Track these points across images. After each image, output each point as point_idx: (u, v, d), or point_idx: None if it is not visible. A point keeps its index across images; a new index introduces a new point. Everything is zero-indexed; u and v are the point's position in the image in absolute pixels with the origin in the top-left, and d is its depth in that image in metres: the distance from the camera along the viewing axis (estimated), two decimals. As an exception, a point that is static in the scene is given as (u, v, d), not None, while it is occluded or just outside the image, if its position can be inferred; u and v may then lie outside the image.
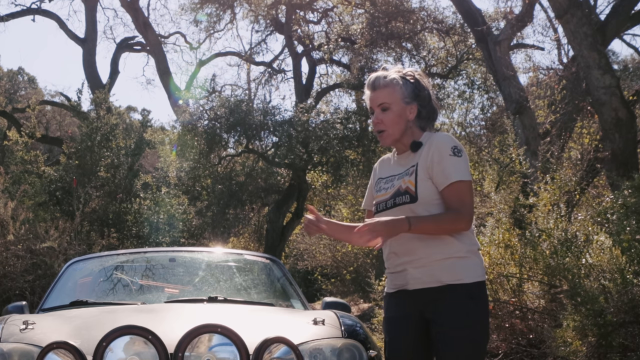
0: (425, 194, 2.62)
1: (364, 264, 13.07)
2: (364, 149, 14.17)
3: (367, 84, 2.82)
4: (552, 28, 12.83)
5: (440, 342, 2.61)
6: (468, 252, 2.64)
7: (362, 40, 14.67)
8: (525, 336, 5.51)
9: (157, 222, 11.17)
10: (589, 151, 8.08)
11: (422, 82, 2.77)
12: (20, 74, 28.26)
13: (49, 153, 18.95)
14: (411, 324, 2.68)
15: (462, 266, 2.62)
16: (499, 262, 5.75)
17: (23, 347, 2.69)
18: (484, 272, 2.71)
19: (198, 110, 13.85)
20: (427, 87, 2.78)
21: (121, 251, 4.85)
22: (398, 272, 2.72)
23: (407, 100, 2.72)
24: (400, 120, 2.72)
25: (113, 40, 22.06)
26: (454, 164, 2.61)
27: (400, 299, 2.73)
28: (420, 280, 2.65)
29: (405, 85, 2.73)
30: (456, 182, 2.60)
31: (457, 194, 2.60)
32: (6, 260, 8.04)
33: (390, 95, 2.72)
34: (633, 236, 4.81)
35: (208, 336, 2.62)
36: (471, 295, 2.60)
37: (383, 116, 2.73)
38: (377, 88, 2.75)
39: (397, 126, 2.73)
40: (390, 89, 2.73)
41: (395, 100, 2.72)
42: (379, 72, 2.79)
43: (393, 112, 2.72)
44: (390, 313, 2.79)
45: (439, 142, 2.66)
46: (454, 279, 2.60)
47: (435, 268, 2.62)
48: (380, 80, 2.75)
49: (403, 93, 2.72)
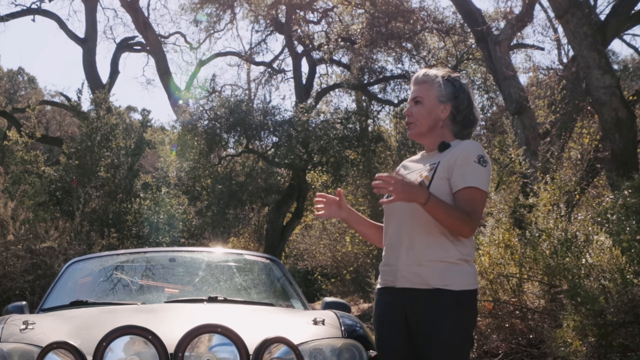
0: (436, 192, 2.61)
1: (364, 264, 13.06)
2: (364, 149, 14.18)
3: (412, 79, 2.87)
4: (552, 28, 12.82)
5: (424, 346, 2.61)
6: (461, 260, 2.62)
7: (362, 40, 14.67)
8: (525, 336, 5.51)
9: (157, 222, 11.18)
10: (589, 151, 8.07)
11: (465, 88, 2.79)
12: (20, 74, 28.27)
13: (49, 153, 18.96)
14: (399, 325, 2.68)
15: (452, 272, 2.60)
16: (499, 262, 5.75)
17: (23, 347, 2.69)
18: (476, 281, 2.68)
19: (198, 110, 13.85)
20: (471, 96, 2.80)
21: (121, 251, 4.85)
22: (390, 266, 2.72)
23: (442, 99, 2.75)
24: (429, 116, 2.75)
25: (113, 40, 22.07)
26: (475, 171, 2.61)
27: (388, 296, 2.73)
28: (408, 280, 2.64)
29: (445, 85, 2.76)
30: (472, 188, 2.60)
31: (471, 199, 2.60)
32: (6, 260, 8.04)
33: (425, 91, 2.76)
34: (633, 236, 4.80)
35: (208, 336, 2.62)
36: (458, 303, 2.58)
37: (414, 109, 2.77)
38: (417, 83, 2.80)
39: (425, 121, 2.75)
40: (427, 84, 2.77)
41: (429, 96, 2.75)
42: (425, 69, 2.84)
43: (424, 107, 2.75)
44: (379, 310, 2.79)
45: (467, 147, 2.68)
46: (442, 283, 2.58)
47: (425, 269, 2.61)
48: (420, 76, 2.80)
49: (440, 92, 2.75)
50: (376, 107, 16.65)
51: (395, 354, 2.70)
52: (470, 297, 2.64)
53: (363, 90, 15.99)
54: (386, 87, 16.41)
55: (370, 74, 15.96)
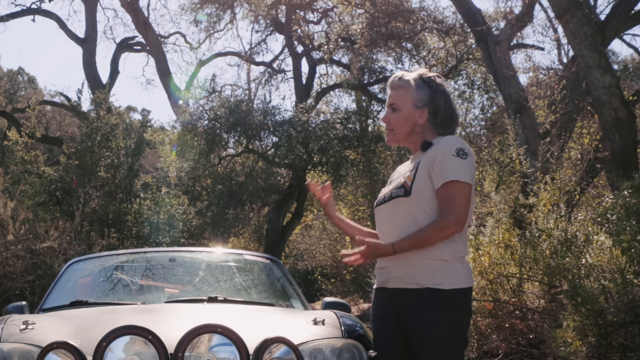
0: (419, 190, 2.61)
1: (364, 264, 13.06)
2: (364, 149, 14.18)
3: (387, 82, 2.84)
4: (552, 28, 12.83)
5: (416, 346, 2.61)
6: (452, 258, 2.60)
7: (362, 40, 14.67)
8: (525, 336, 5.51)
9: (157, 222, 11.18)
10: (589, 151, 8.08)
11: (442, 88, 2.75)
12: (20, 74, 28.27)
13: (49, 153, 18.96)
14: (394, 325, 2.68)
15: (443, 271, 2.58)
16: (499, 262, 5.75)
17: (23, 347, 2.69)
18: (469, 279, 2.65)
19: (198, 110, 13.84)
20: (448, 95, 2.77)
21: (121, 251, 4.85)
22: (382, 268, 2.73)
23: (418, 104, 2.71)
24: (406, 123, 2.73)
25: (113, 40, 22.09)
26: (454, 164, 2.57)
27: (382, 297, 2.74)
28: (399, 280, 2.64)
29: (420, 89, 2.72)
30: (451, 182, 2.56)
31: (450, 194, 2.56)
32: (6, 260, 8.04)
33: (401, 97, 2.73)
34: (633, 236, 4.80)
35: (208, 336, 2.62)
36: (449, 302, 2.56)
37: (391, 116, 2.75)
38: (392, 88, 2.77)
39: (403, 128, 2.73)
40: (402, 90, 2.73)
41: (405, 102, 2.72)
42: (399, 73, 2.80)
43: (401, 114, 2.73)
44: (375, 310, 2.80)
45: (446, 142, 2.65)
46: (432, 283, 2.57)
47: (416, 269, 2.60)
48: (395, 81, 2.76)
49: (416, 97, 2.71)
50: (376, 107, 16.65)
51: (391, 353, 2.70)
52: (463, 296, 2.60)
53: (363, 90, 16.00)
54: (386, 87, 16.38)
55: (370, 74, 15.96)
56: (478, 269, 5.69)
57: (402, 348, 2.67)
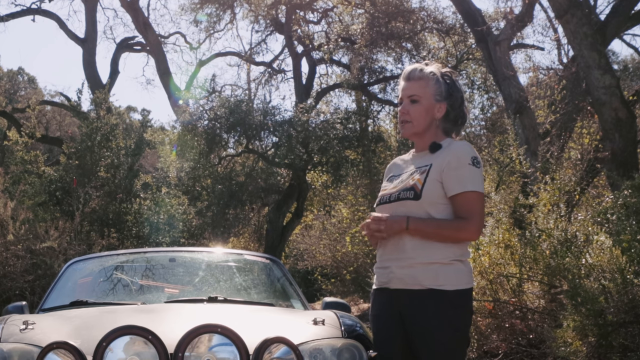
0: (429, 195, 2.62)
1: (364, 264, 13.05)
2: (364, 149, 14.18)
3: (402, 74, 2.80)
4: (552, 28, 12.82)
5: (418, 347, 2.61)
6: (454, 260, 2.62)
7: (362, 40, 14.67)
8: (525, 336, 5.51)
9: (157, 222, 11.17)
10: (589, 151, 8.07)
11: (457, 84, 2.77)
12: (20, 74, 28.26)
13: (49, 153, 18.96)
14: (395, 325, 2.68)
15: (446, 273, 2.59)
16: (499, 262, 5.75)
17: (23, 347, 2.69)
18: (470, 280, 2.67)
19: (198, 110, 13.85)
20: (462, 91, 2.79)
21: (121, 251, 4.85)
22: (384, 269, 2.72)
23: (438, 97, 2.72)
24: (426, 116, 2.72)
25: (113, 40, 22.07)
26: (471, 174, 2.61)
27: (383, 297, 2.73)
28: (402, 281, 2.64)
29: (440, 83, 2.72)
30: (470, 192, 2.60)
31: (469, 203, 2.60)
32: (6, 260, 8.04)
33: (422, 89, 2.72)
34: (633, 236, 4.80)
35: (208, 336, 2.62)
36: (452, 303, 2.58)
37: (411, 108, 2.73)
38: (412, 79, 2.74)
39: (422, 120, 2.72)
40: (424, 82, 2.72)
41: (427, 94, 2.71)
42: (417, 64, 2.78)
43: (421, 106, 2.72)
44: (375, 311, 2.79)
45: (460, 149, 2.66)
46: (436, 284, 2.58)
47: (418, 271, 2.61)
48: (415, 72, 2.74)
49: (436, 90, 2.71)
50: (376, 107, 16.66)
51: (392, 354, 2.70)
52: (465, 297, 2.63)
53: (363, 90, 16.00)
54: (386, 87, 16.40)
55: (370, 74, 15.96)
56: (478, 269, 5.70)
57: (403, 348, 2.67)
